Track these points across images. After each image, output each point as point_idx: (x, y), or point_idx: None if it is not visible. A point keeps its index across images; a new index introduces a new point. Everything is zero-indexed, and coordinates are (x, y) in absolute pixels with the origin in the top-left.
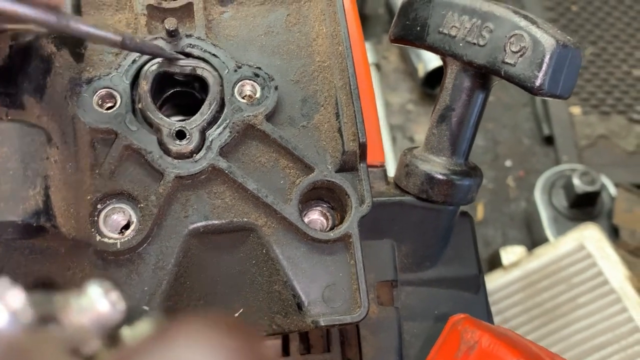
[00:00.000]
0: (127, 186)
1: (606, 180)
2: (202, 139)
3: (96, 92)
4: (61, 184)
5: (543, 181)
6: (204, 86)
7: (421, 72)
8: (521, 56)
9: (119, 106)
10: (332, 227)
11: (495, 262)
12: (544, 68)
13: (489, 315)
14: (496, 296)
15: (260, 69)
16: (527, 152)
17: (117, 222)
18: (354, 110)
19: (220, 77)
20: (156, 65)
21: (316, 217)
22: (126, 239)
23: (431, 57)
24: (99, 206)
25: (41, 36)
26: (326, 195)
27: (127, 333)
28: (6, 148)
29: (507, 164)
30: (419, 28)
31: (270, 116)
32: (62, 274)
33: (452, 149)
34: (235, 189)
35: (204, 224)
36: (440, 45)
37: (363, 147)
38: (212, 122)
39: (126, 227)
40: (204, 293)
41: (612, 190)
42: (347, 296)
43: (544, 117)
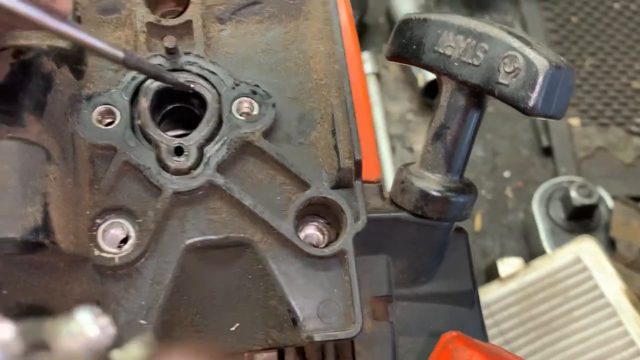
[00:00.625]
0: (126, 201)
1: (604, 193)
2: (200, 156)
3: (95, 108)
4: (60, 200)
5: (541, 193)
6: (202, 102)
7: (421, 82)
8: (515, 77)
9: (118, 122)
10: (328, 242)
11: (492, 274)
12: (537, 89)
13: (483, 331)
14: (493, 308)
15: (258, 86)
16: (525, 163)
17: (115, 236)
18: (350, 128)
19: (219, 94)
20: (156, 82)
21: (312, 232)
22: (124, 253)
23: None
24: (97, 221)
25: (42, 53)
26: (322, 211)
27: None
28: (6, 166)
29: (506, 174)
30: (414, 47)
31: (267, 133)
32: (61, 289)
33: (447, 166)
34: (232, 204)
35: (201, 239)
36: (435, 64)
37: (358, 164)
38: (209, 138)
39: (124, 241)
40: (200, 307)
41: (609, 202)
42: (341, 312)
43: (543, 129)
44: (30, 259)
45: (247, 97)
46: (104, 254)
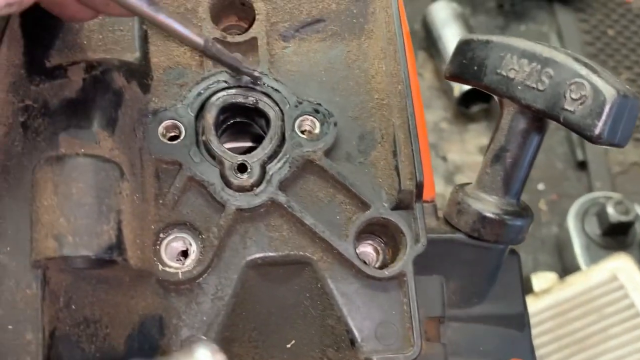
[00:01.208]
0: (189, 217)
1: None
2: (263, 173)
3: (161, 123)
4: (130, 216)
5: (577, 208)
6: (264, 118)
7: (457, 92)
8: (581, 104)
9: (184, 138)
10: (383, 262)
11: (525, 287)
12: (603, 117)
13: (532, 354)
14: None
15: (320, 105)
16: (560, 176)
17: (176, 250)
18: (412, 149)
19: (282, 111)
20: (220, 99)
21: (366, 251)
22: (187, 269)
23: None
24: (161, 235)
25: (113, 69)
26: (378, 230)
27: None
28: (82, 183)
29: (540, 187)
30: (475, 68)
31: (328, 152)
32: (126, 303)
33: (505, 189)
34: (292, 222)
35: (261, 255)
36: (497, 86)
37: (420, 186)
38: (272, 156)
39: (184, 254)
40: (258, 323)
41: None
42: (400, 334)
43: (578, 142)
44: (98, 274)
45: (310, 115)
46: (167, 269)
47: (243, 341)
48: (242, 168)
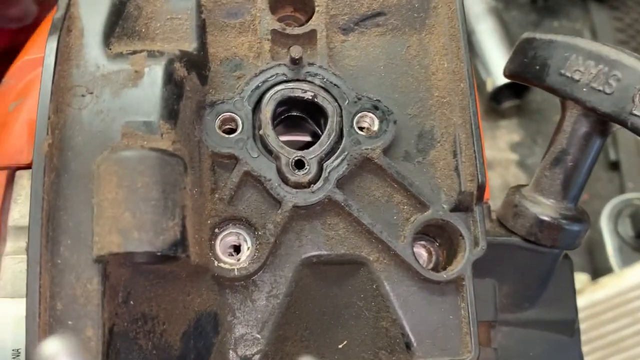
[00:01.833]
0: (245, 212)
1: None
2: (320, 170)
3: (219, 115)
4: (191, 211)
5: (610, 209)
6: (321, 113)
7: (489, 87)
8: None
9: (241, 131)
10: (436, 264)
11: None
12: None
13: None
14: None
15: (379, 101)
16: (591, 176)
17: (231, 245)
18: (474, 150)
19: (340, 107)
20: (279, 93)
21: (420, 252)
22: (242, 265)
23: (500, 73)
24: (216, 230)
25: (174, 59)
26: (433, 232)
27: None
28: (147, 177)
29: None
30: (537, 67)
31: (386, 150)
32: (183, 299)
33: (564, 192)
34: (349, 221)
35: (317, 254)
36: (561, 87)
37: (482, 188)
38: (330, 153)
39: (236, 249)
40: (310, 323)
41: None
42: (456, 339)
43: (611, 142)
44: (156, 269)
45: (369, 112)
46: (222, 265)
47: (295, 340)
48: (299, 164)
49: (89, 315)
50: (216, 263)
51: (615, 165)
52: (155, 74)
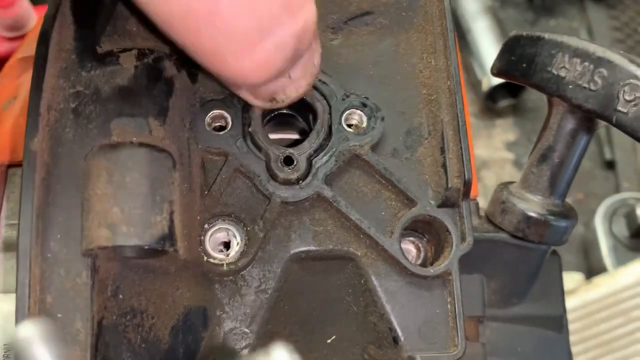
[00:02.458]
0: (234, 208)
1: None
2: (309, 166)
3: (208, 113)
4: (180, 206)
5: (605, 208)
6: (310, 110)
7: (485, 86)
8: (635, 106)
9: (230, 128)
10: (424, 259)
11: None
12: None
13: (570, 356)
14: None
15: (367, 98)
16: (586, 174)
17: (220, 241)
18: (461, 146)
19: (329, 105)
20: None
21: (408, 248)
22: (231, 260)
23: None
24: (206, 226)
25: (164, 57)
26: (421, 227)
27: None
28: (136, 173)
29: None
30: (524, 65)
31: (375, 146)
32: (172, 294)
33: (551, 189)
34: (337, 217)
35: (305, 249)
36: (547, 85)
37: (468, 184)
38: (318, 149)
39: (226, 245)
40: (299, 318)
41: None
42: (443, 333)
43: (606, 141)
44: (145, 263)
45: (357, 109)
46: (211, 260)
47: (284, 335)
48: (288, 161)
49: (78, 308)
50: (205, 258)
51: (610, 165)
52: (144, 72)
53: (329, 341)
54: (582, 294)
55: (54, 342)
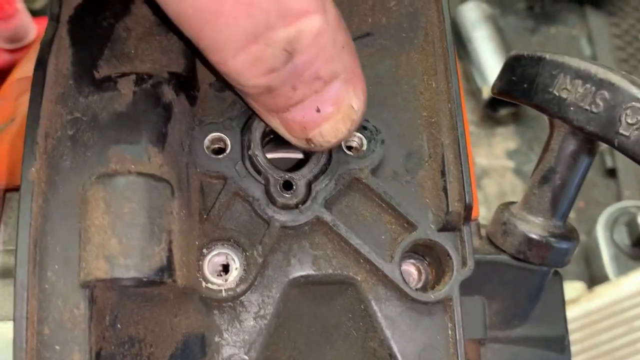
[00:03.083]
0: (233, 232)
1: None
2: (308, 191)
3: (207, 135)
4: (178, 234)
5: (606, 217)
6: None
7: (485, 95)
8: (637, 129)
9: (230, 151)
10: (425, 282)
11: None
12: None
13: None
14: None
15: (368, 121)
16: (588, 183)
17: (218, 266)
18: (462, 170)
19: None
20: None
21: (409, 270)
22: (230, 286)
23: None
24: (204, 251)
25: (162, 81)
26: (422, 250)
27: None
28: (134, 203)
29: None
30: (525, 85)
31: (375, 170)
32: (170, 321)
33: (553, 210)
34: (337, 241)
35: (305, 274)
36: (549, 106)
37: (469, 208)
38: (318, 174)
39: (225, 268)
40: (298, 343)
41: None
42: (444, 359)
43: (608, 149)
44: (143, 292)
45: (357, 131)
46: (210, 286)
47: None
48: (287, 186)
49: (76, 340)
50: (204, 284)
51: (611, 173)
52: (143, 97)
53: None
54: (584, 303)
55: None
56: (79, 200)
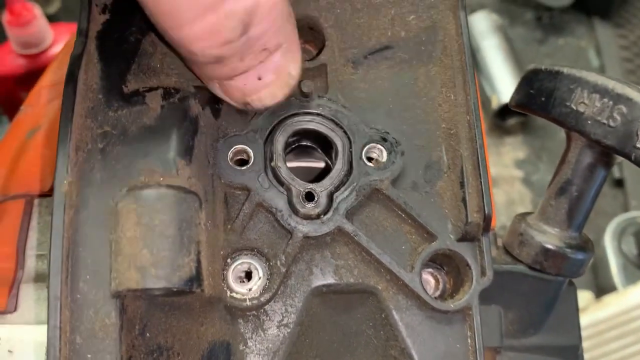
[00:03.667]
0: (257, 243)
1: None
2: (330, 202)
3: (231, 148)
4: (206, 245)
5: (614, 226)
6: (329, 143)
7: (494, 104)
8: None
9: (253, 163)
10: (443, 290)
11: None
12: None
13: None
14: None
15: (388, 133)
16: None
17: (242, 275)
18: (481, 181)
19: (349, 139)
20: (291, 126)
21: (427, 278)
22: (254, 295)
23: (505, 89)
24: (228, 260)
25: (189, 95)
26: (440, 259)
27: None
28: (165, 215)
29: None
30: (543, 99)
31: (395, 181)
32: (196, 330)
33: (569, 222)
34: (358, 251)
35: (327, 283)
36: (566, 119)
37: (488, 219)
38: (339, 185)
39: (247, 275)
40: (320, 351)
41: None
42: None
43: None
44: (171, 300)
45: (377, 143)
46: (234, 294)
47: None
48: (309, 197)
49: (107, 349)
50: (228, 293)
51: (619, 183)
52: (171, 111)
53: None
54: (592, 312)
55: None
56: (109, 212)
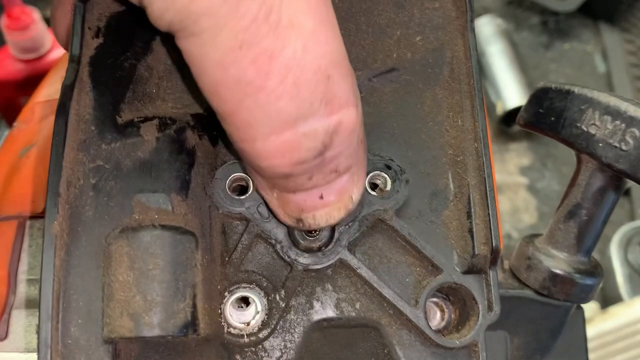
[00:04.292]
0: (256, 276)
1: None
2: (332, 234)
3: (229, 176)
4: (202, 284)
5: (620, 236)
6: None
7: (499, 110)
8: None
9: (252, 192)
10: (448, 321)
11: None
12: None
13: None
14: None
15: (392, 160)
16: None
17: (240, 308)
18: (489, 212)
19: None
20: None
21: (432, 309)
22: (252, 331)
23: (510, 95)
24: (226, 294)
25: (186, 126)
26: (446, 290)
27: None
28: (159, 259)
29: None
30: (553, 118)
31: (399, 210)
32: None
33: (578, 246)
34: (360, 284)
35: (327, 317)
36: (576, 141)
37: (496, 252)
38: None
39: (246, 310)
40: None
41: None
42: None
43: None
44: (166, 341)
45: (381, 171)
46: (232, 330)
47: None
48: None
49: None
50: (226, 329)
51: (625, 191)
52: (166, 144)
53: None
54: (598, 323)
55: None
56: (101, 252)
